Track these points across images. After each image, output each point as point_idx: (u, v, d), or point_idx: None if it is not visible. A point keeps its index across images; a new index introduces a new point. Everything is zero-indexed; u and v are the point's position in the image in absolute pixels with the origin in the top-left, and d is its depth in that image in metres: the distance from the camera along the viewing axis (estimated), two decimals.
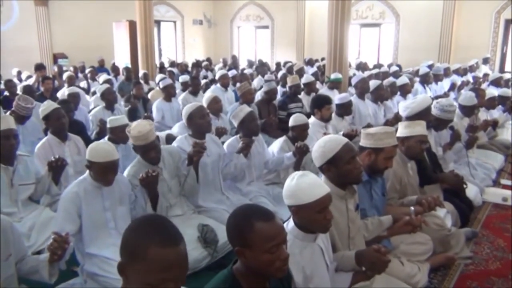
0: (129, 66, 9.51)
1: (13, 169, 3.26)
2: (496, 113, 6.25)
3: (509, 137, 6.20)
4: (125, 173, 3.18)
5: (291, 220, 2.00)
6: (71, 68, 9.91)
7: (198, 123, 3.60)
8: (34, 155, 3.75)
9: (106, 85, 5.81)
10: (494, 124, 5.75)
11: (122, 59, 10.80)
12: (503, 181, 4.95)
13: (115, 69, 9.83)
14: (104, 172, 2.73)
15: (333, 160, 2.29)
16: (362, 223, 2.60)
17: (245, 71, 10.04)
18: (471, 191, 4.10)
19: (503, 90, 6.70)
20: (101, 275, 2.68)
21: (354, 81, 6.09)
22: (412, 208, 2.81)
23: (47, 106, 3.90)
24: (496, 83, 7.78)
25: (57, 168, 3.34)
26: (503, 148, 5.75)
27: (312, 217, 1.88)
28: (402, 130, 3.28)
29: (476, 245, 3.46)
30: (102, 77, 7.65)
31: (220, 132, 4.49)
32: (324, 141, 2.36)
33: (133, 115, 5.90)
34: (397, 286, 2.47)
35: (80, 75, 9.82)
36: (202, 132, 3.65)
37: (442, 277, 3.00)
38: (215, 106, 5.16)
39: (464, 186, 3.84)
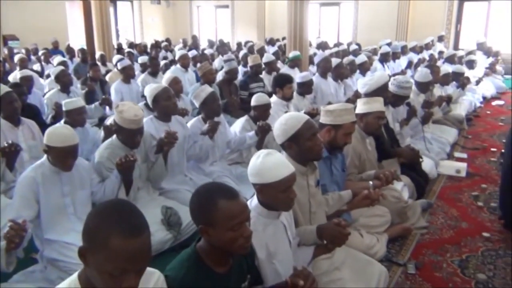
0: (85, 47, 9.16)
1: None
2: (450, 89, 6.48)
3: (462, 112, 6.47)
4: (97, 155, 3.09)
5: (254, 197, 2.02)
6: (23, 51, 9.46)
7: (164, 105, 3.54)
8: None
9: (61, 67, 5.59)
10: (448, 99, 5.98)
11: (77, 41, 10.44)
12: (457, 154, 5.16)
13: (70, 51, 9.50)
14: (63, 157, 2.64)
15: (294, 137, 2.32)
16: (323, 198, 2.65)
17: (205, 51, 9.91)
18: (426, 164, 4.26)
19: (456, 66, 6.94)
20: (61, 261, 2.62)
21: (316, 60, 6.14)
22: (370, 182, 2.90)
23: None
24: (450, 60, 8.03)
25: (10, 153, 3.21)
26: (457, 122, 5.99)
27: (276, 196, 1.90)
28: (361, 106, 3.36)
29: (431, 216, 3.61)
30: (56, 59, 7.34)
31: (181, 114, 4.43)
32: (285, 118, 2.38)
33: (90, 98, 5.73)
34: (357, 257, 2.55)
35: (32, 57, 9.39)
36: (168, 114, 3.60)
37: (399, 247, 3.12)
38: (175, 87, 5.06)
39: (420, 159, 4.00)
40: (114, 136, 3.18)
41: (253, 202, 2.00)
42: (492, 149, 5.40)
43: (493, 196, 3.96)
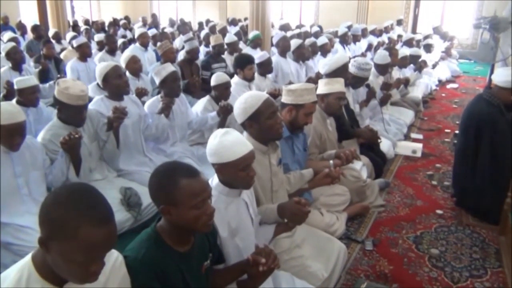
0: (38, 24, 8.72)
1: None
2: (408, 72, 6.65)
3: (419, 95, 6.66)
4: (40, 138, 2.96)
5: (215, 176, 2.00)
6: None
7: (115, 83, 3.42)
8: None
9: (12, 44, 5.29)
10: (406, 82, 6.13)
11: (29, 16, 9.88)
12: (413, 135, 5.32)
13: (21, 27, 9.01)
14: (9, 136, 2.50)
15: (254, 116, 2.31)
16: (285, 177, 2.67)
17: (165, 30, 9.67)
18: (384, 145, 4.37)
19: (414, 49, 7.11)
20: (15, 244, 2.52)
21: (275, 39, 6.12)
22: (331, 161, 2.95)
23: None
24: (409, 43, 8.21)
25: None
26: (414, 104, 6.16)
27: (236, 175, 1.89)
28: (322, 87, 3.38)
29: (388, 194, 3.73)
30: (7, 35, 6.96)
31: (141, 93, 4.32)
32: (245, 97, 2.36)
33: (44, 77, 5.49)
34: (317, 235, 2.59)
35: None
36: (120, 93, 3.48)
37: (358, 225, 3.20)
38: (134, 66, 4.94)
39: (379, 140, 4.09)
40: (55, 117, 3.05)
41: (214, 181, 1.98)
42: (446, 130, 5.61)
43: (446, 176, 4.12)
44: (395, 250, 2.88)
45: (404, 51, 6.73)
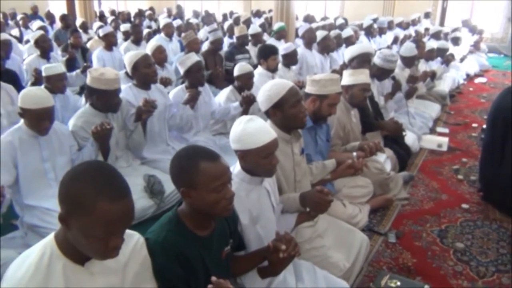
0: (66, 13, 8.87)
1: None
2: (435, 65, 6.49)
3: (446, 88, 6.51)
4: (71, 125, 3.01)
5: (237, 163, 2.00)
6: (0, 15, 9.13)
7: (144, 72, 3.45)
8: None
9: (40, 32, 5.40)
10: (433, 75, 5.99)
11: (58, 7, 10.08)
12: (439, 129, 5.21)
13: (50, 17, 9.17)
14: (38, 120, 2.56)
15: (278, 104, 2.29)
16: (307, 167, 2.65)
17: (190, 21, 9.71)
18: (409, 138, 4.30)
19: (441, 42, 6.94)
20: (42, 227, 2.59)
21: (300, 31, 6.08)
22: (354, 153, 2.91)
23: None
24: (436, 36, 8.03)
25: None
26: (440, 98, 6.04)
27: (258, 162, 1.88)
28: (346, 78, 3.34)
29: (412, 188, 3.67)
30: (36, 23, 7.11)
31: (165, 83, 4.35)
32: (270, 85, 2.34)
33: (71, 66, 5.57)
34: (339, 226, 2.57)
35: (10, 22, 9.08)
36: (148, 82, 3.51)
37: (381, 218, 3.16)
38: (160, 56, 4.98)
39: (403, 133, 4.03)
40: (87, 104, 3.10)
41: (235, 168, 1.98)
42: (474, 125, 5.47)
43: (473, 170, 4.03)
44: (419, 243, 2.84)
45: (431, 44, 6.59)
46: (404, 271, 2.55)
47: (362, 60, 3.89)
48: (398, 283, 2.36)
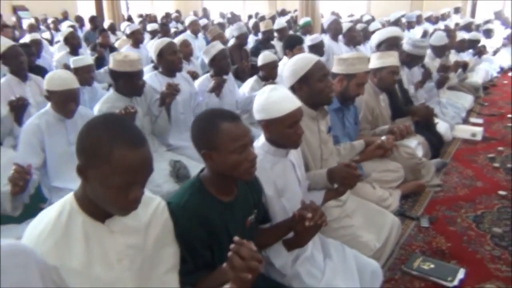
0: (95, 15, 9.06)
1: None
2: (467, 57, 6.29)
3: (479, 80, 6.29)
4: (96, 110, 3.03)
5: (262, 136, 1.95)
6: (32, 19, 9.40)
7: (169, 59, 3.45)
8: None
9: (70, 29, 5.51)
10: (465, 66, 5.80)
11: (87, 11, 10.33)
12: (473, 120, 5.03)
13: (79, 20, 9.39)
14: (63, 102, 2.57)
15: (304, 78, 2.23)
16: (335, 148, 2.58)
17: (215, 23, 9.76)
18: (441, 127, 4.16)
19: (473, 34, 6.72)
20: None
21: (326, 23, 5.98)
22: (383, 137, 2.81)
23: (2, 43, 3.65)
24: (467, 27, 7.80)
25: (18, 107, 3.16)
26: (473, 90, 5.83)
27: (283, 132, 1.82)
28: (375, 61, 3.25)
29: (445, 175, 3.53)
30: (65, 23, 7.27)
31: (191, 76, 4.35)
32: (295, 59, 2.28)
33: (99, 64, 5.66)
34: (369, 207, 2.48)
35: (42, 27, 9.34)
36: (173, 69, 3.51)
37: (412, 203, 3.05)
38: (185, 49, 4.99)
39: (435, 121, 3.90)
40: (111, 90, 3.11)
41: (260, 141, 1.93)
42: (509, 116, 5.24)
43: (509, 158, 3.85)
44: (453, 228, 2.71)
45: (462, 34, 6.39)
46: (438, 255, 2.43)
47: (391, 44, 3.78)
48: (432, 266, 2.27)
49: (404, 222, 2.76)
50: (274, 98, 1.79)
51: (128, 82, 2.92)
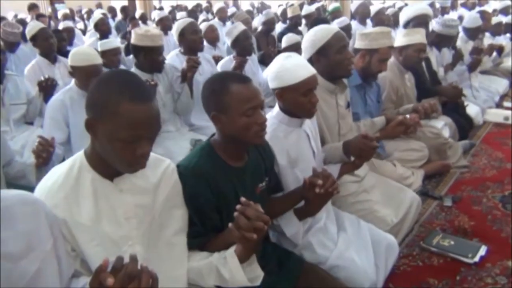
0: (126, 5, 9.23)
1: (2, 88, 3.20)
2: (503, 41, 6.03)
3: None
4: None
5: (276, 106, 1.93)
6: (67, 10, 9.67)
7: (190, 38, 3.48)
8: (24, 77, 3.68)
9: (100, 16, 5.64)
10: (500, 49, 5.55)
11: (120, 3, 10.51)
12: (507, 104, 4.83)
13: (112, 10, 9.58)
14: (87, 77, 2.62)
15: (323, 50, 2.19)
16: (355, 124, 2.53)
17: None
18: (472, 110, 4.03)
19: (511, 17, 6.43)
20: None
21: (353, 7, 5.87)
22: (407, 115, 2.73)
23: (33, 26, 3.78)
24: (505, 11, 7.46)
25: (47, 88, 3.27)
26: (509, 74, 5.58)
27: (297, 100, 1.80)
28: (401, 38, 3.17)
29: (473, 157, 3.42)
30: (97, 11, 7.44)
31: (217, 61, 4.36)
32: (314, 30, 2.25)
33: (129, 51, 5.75)
34: (388, 184, 2.43)
35: (77, 18, 9.59)
36: (195, 49, 3.53)
37: (436, 184, 2.97)
38: (212, 34, 5.00)
39: (465, 103, 3.77)
40: (133, 67, 3.14)
41: (274, 110, 1.92)
42: None
43: None
44: (478, 207, 2.62)
45: (499, 18, 6.13)
46: (460, 233, 2.36)
47: (419, 23, 3.66)
48: (452, 242, 2.20)
49: (426, 202, 2.69)
50: (288, 66, 1.78)
51: (148, 56, 2.95)
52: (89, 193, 1.24)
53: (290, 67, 1.77)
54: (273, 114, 1.91)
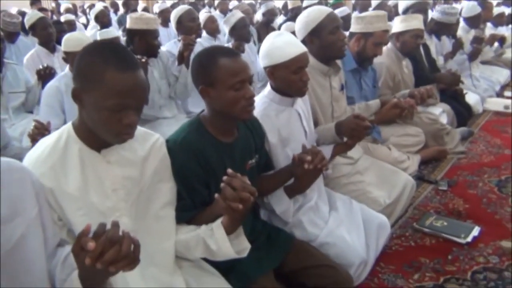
0: None
1: (1, 76, 3.22)
2: (506, 32, 5.97)
3: None
4: None
5: (268, 85, 1.93)
6: (70, 5, 9.68)
7: (188, 26, 3.49)
8: (23, 66, 3.70)
9: (101, 8, 5.66)
10: (501, 40, 5.51)
11: None
12: (507, 93, 4.79)
13: (114, 5, 9.58)
14: None
15: (316, 30, 2.19)
16: (349, 108, 2.53)
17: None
18: (471, 98, 4.01)
19: None
20: None
21: None
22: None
23: (31, 15, 3.80)
24: (508, 2, 7.39)
25: (45, 76, 3.28)
26: (510, 64, 5.54)
27: (288, 78, 1.79)
28: (398, 24, 3.15)
29: (471, 143, 3.40)
30: (99, 4, 7.46)
31: None
32: (307, 11, 2.25)
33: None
34: (382, 166, 2.42)
35: (79, 13, 9.61)
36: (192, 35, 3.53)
37: (432, 168, 2.96)
38: (212, 25, 4.96)
39: (464, 91, 3.76)
40: None
41: (266, 89, 1.92)
42: None
43: None
44: (473, 191, 2.61)
45: (502, 8, 6.08)
46: (454, 215, 2.35)
47: (418, 10, 3.65)
48: (445, 223, 2.20)
49: (422, 186, 2.68)
50: (279, 43, 1.78)
51: (143, 40, 2.95)
52: (76, 164, 1.25)
53: (281, 44, 1.77)
54: (264, 93, 1.92)
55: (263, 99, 1.89)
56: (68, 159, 1.25)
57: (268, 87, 1.91)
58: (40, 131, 2.13)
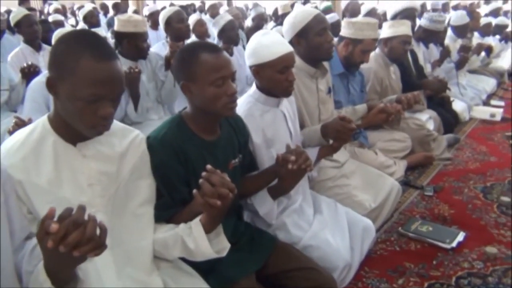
0: (119, 1, 9.19)
1: None
2: (492, 41, 6.06)
3: (505, 66, 6.05)
4: None
5: (253, 85, 1.91)
6: (59, 6, 9.61)
7: (176, 27, 3.46)
8: (7, 64, 3.63)
9: (89, 9, 5.61)
10: (488, 49, 5.58)
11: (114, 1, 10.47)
12: (494, 102, 4.83)
13: (104, 7, 9.54)
14: None
15: (303, 32, 2.17)
16: (336, 111, 2.51)
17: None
18: (458, 105, 4.04)
19: (500, 18, 6.47)
20: None
21: (344, 4, 5.88)
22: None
23: (17, 12, 3.74)
24: (495, 13, 7.49)
25: (29, 74, 3.22)
26: (497, 74, 5.61)
27: (274, 77, 1.77)
28: (386, 30, 3.16)
29: (457, 150, 3.41)
30: (88, 5, 7.39)
31: None
32: (295, 12, 2.24)
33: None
34: (368, 170, 2.41)
35: (69, 15, 9.54)
36: (181, 37, 3.51)
37: (419, 174, 2.96)
38: (200, 29, 4.93)
39: (451, 99, 3.77)
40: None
41: (251, 89, 1.90)
42: None
43: None
44: (459, 197, 2.62)
45: (489, 19, 6.16)
46: (439, 220, 2.35)
47: (406, 16, 3.66)
48: (430, 228, 2.18)
49: (407, 191, 2.68)
50: (265, 42, 1.76)
51: (132, 43, 2.91)
52: (49, 156, 1.21)
53: (267, 43, 1.75)
54: (250, 93, 1.89)
55: (248, 98, 1.87)
56: (41, 151, 1.20)
57: (254, 87, 1.89)
58: (20, 127, 2.08)
